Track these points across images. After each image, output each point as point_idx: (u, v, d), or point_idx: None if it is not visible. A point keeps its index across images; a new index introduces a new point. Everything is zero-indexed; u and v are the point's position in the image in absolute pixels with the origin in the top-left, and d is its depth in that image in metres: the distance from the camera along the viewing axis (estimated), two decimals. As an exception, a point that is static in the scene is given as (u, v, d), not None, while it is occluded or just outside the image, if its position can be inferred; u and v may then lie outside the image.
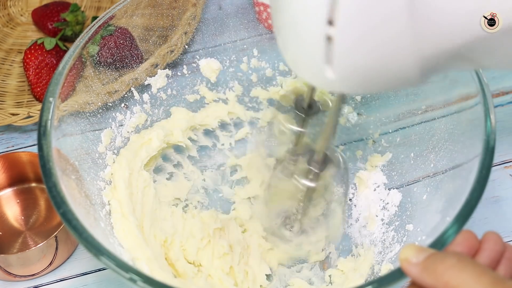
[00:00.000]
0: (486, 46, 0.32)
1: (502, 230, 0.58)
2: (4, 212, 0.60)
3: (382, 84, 0.33)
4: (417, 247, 0.34)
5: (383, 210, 0.55)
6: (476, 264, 0.31)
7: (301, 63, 0.35)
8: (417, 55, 0.31)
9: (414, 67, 0.32)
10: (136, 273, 0.38)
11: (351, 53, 0.31)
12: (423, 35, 0.31)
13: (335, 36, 0.31)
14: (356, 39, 0.31)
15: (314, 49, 0.32)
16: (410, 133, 0.55)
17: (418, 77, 0.33)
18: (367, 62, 0.32)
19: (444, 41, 0.31)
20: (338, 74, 0.32)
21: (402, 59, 0.32)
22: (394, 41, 0.31)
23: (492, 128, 0.43)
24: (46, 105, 0.46)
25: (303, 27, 0.32)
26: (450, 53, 0.32)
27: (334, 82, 0.33)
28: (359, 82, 0.33)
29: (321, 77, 0.33)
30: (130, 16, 0.57)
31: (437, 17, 0.30)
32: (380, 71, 0.32)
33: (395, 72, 0.32)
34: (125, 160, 0.55)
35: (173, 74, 0.61)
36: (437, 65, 0.33)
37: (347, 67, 0.32)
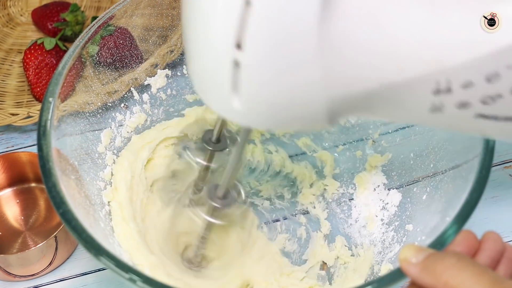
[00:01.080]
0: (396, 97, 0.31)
1: (501, 230, 0.58)
2: (4, 212, 0.60)
3: (290, 121, 0.32)
4: (416, 247, 0.34)
5: (382, 210, 0.55)
6: (475, 264, 0.31)
7: (207, 90, 0.33)
8: (325, 93, 0.30)
9: (322, 106, 0.31)
10: (136, 273, 0.38)
11: (258, 81, 0.30)
12: (333, 73, 0.29)
13: (243, 61, 0.29)
14: (265, 66, 0.29)
15: (221, 75, 0.30)
16: (410, 133, 0.55)
17: (326, 119, 0.32)
18: (274, 93, 0.30)
19: (353, 84, 0.30)
20: (245, 104, 0.31)
21: (310, 96, 0.30)
22: (302, 72, 0.29)
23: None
24: (45, 105, 0.46)
25: (209, 50, 0.30)
26: (358, 98, 0.31)
27: (240, 113, 0.31)
28: (266, 115, 0.32)
29: (227, 107, 0.31)
30: (130, 16, 0.57)
31: (348, 53, 0.29)
32: (287, 105, 0.31)
33: (303, 108, 0.31)
34: (127, 161, 0.55)
35: (173, 74, 0.61)
36: (345, 108, 0.32)
37: (254, 98, 0.31)
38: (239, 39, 0.29)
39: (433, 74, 0.29)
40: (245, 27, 0.28)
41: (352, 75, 0.30)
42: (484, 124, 0.31)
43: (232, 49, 0.29)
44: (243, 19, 0.28)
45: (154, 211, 0.55)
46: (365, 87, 0.30)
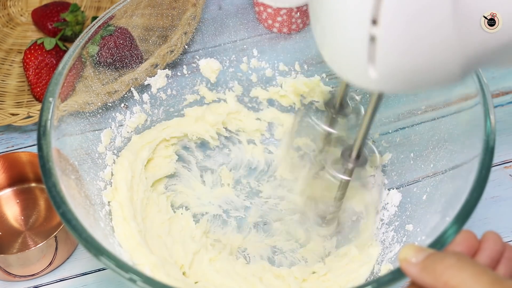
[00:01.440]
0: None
1: (501, 230, 0.58)
2: (4, 212, 0.60)
3: (424, 83, 0.33)
4: (416, 247, 0.34)
5: (383, 210, 0.55)
6: (475, 264, 0.31)
7: (341, 62, 0.34)
8: (460, 53, 0.31)
9: (456, 66, 0.32)
10: (136, 273, 0.38)
11: (394, 52, 0.31)
12: (467, 34, 0.31)
13: (379, 35, 0.30)
14: (400, 38, 0.30)
15: (356, 49, 0.32)
16: (410, 133, 0.55)
17: (459, 75, 0.33)
18: (410, 61, 0.31)
19: (486, 41, 0.31)
20: (381, 73, 0.32)
21: (446, 58, 0.31)
22: (438, 40, 0.30)
23: (491, 128, 0.43)
24: (45, 105, 0.46)
25: (345, 27, 0.32)
26: (492, 53, 0.32)
27: (376, 82, 0.32)
28: (401, 81, 0.33)
29: (363, 77, 0.33)
30: (130, 16, 0.57)
31: (477, 14, 0.30)
32: (423, 70, 0.32)
33: (438, 70, 0.32)
34: (127, 161, 0.55)
35: (173, 74, 0.61)
36: (478, 63, 0.33)
37: (390, 67, 0.32)
38: (375, 15, 0.30)
39: None
40: (380, 4, 0.29)
41: (486, 35, 0.31)
42: None
43: (368, 25, 0.30)
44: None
45: (155, 211, 0.55)
46: (497, 43, 0.31)
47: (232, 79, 0.63)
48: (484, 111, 0.44)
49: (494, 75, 0.69)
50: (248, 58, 0.62)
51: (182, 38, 0.60)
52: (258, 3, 0.63)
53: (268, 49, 0.62)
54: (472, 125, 0.45)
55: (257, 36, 0.62)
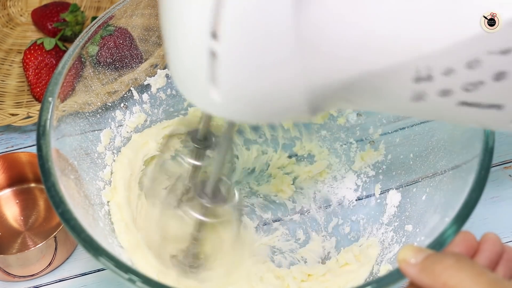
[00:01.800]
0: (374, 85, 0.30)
1: (501, 230, 0.58)
2: (3, 213, 0.60)
3: (272, 113, 0.32)
4: (415, 247, 0.34)
5: (382, 209, 0.55)
6: (474, 265, 0.31)
7: (186, 83, 0.32)
8: (304, 84, 0.30)
9: (302, 98, 0.30)
10: (135, 273, 0.38)
11: (236, 72, 0.29)
12: (311, 66, 0.29)
13: (220, 51, 0.28)
14: (242, 55, 0.29)
15: (198, 66, 0.30)
16: (410, 133, 0.55)
17: (307, 110, 0.31)
18: (254, 85, 0.30)
19: (331, 75, 0.30)
20: (224, 96, 0.30)
21: (290, 86, 0.30)
22: (281, 65, 0.29)
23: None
24: (45, 105, 0.46)
25: (186, 40, 0.30)
26: (338, 89, 0.30)
27: (220, 106, 0.31)
28: (246, 108, 0.31)
29: (206, 100, 0.31)
30: (129, 16, 0.57)
31: (325, 46, 0.29)
32: (268, 97, 0.30)
33: (283, 100, 0.30)
34: (127, 159, 0.55)
35: (172, 74, 0.61)
36: (326, 99, 0.31)
37: (234, 89, 0.30)
38: (214, 27, 0.28)
39: (412, 61, 0.29)
40: (220, 15, 0.28)
41: (331, 67, 0.30)
42: (468, 112, 0.30)
43: (208, 38, 0.28)
44: (217, 7, 0.27)
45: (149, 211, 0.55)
46: (344, 78, 0.30)
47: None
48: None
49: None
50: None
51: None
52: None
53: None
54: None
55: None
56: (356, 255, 0.53)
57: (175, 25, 0.30)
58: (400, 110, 0.34)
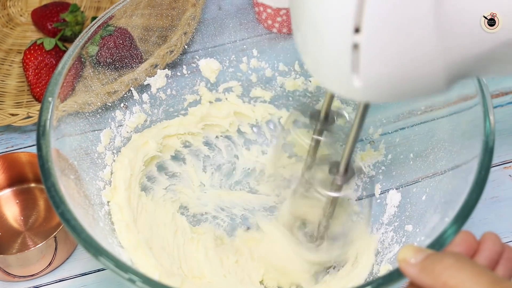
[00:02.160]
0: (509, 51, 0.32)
1: (501, 230, 0.58)
2: (3, 213, 0.60)
3: (409, 92, 0.33)
4: (415, 247, 0.34)
5: (382, 210, 0.55)
6: (474, 265, 0.31)
7: (325, 72, 0.34)
8: (443, 61, 0.31)
9: (440, 74, 0.32)
10: (135, 273, 0.38)
11: (378, 60, 0.31)
12: (450, 41, 0.30)
13: (362, 43, 0.30)
14: (384, 46, 0.30)
15: (340, 58, 0.31)
16: (410, 133, 0.55)
17: (444, 85, 0.33)
18: (394, 70, 0.31)
19: (469, 49, 0.31)
20: (365, 82, 0.32)
21: (429, 66, 0.31)
22: (421, 47, 0.30)
23: (491, 129, 0.43)
24: (45, 105, 0.46)
25: (328, 35, 0.31)
26: (475, 59, 0.32)
27: (361, 91, 0.32)
28: (386, 90, 0.32)
29: (347, 86, 0.32)
30: (129, 16, 0.57)
31: (463, 20, 0.30)
32: (407, 78, 0.32)
33: (422, 79, 0.32)
34: (127, 159, 0.54)
35: (172, 74, 0.61)
36: (462, 71, 0.33)
37: (374, 75, 0.31)
38: (357, 23, 0.30)
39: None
40: (362, 11, 0.29)
41: (469, 44, 0.31)
42: None
43: (351, 33, 0.30)
44: (360, 4, 0.29)
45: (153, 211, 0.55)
46: (482, 52, 0.31)
47: (232, 79, 0.63)
48: (483, 111, 0.44)
49: (493, 76, 0.69)
50: (248, 58, 0.62)
51: (182, 38, 0.60)
52: (258, 3, 0.63)
53: (268, 49, 0.62)
54: (472, 126, 0.45)
55: (257, 36, 0.62)
56: (356, 255, 0.53)
57: (317, 22, 0.32)
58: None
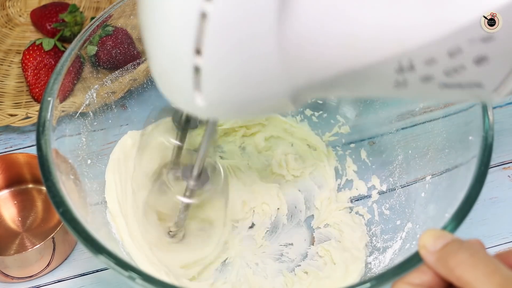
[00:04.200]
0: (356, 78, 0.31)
1: (500, 231, 0.58)
2: (1, 214, 0.59)
3: (254, 111, 0.33)
4: (436, 233, 0.34)
5: (382, 208, 0.55)
6: (488, 262, 0.31)
7: (170, 90, 0.33)
8: (287, 86, 0.31)
9: (284, 97, 0.31)
10: (135, 271, 0.38)
11: (220, 82, 0.30)
12: (293, 68, 0.30)
13: (203, 66, 0.29)
14: (225, 69, 0.30)
15: (182, 77, 0.31)
16: (410, 133, 0.55)
17: (290, 105, 0.32)
18: (237, 91, 0.31)
19: (315, 73, 0.30)
20: (208, 102, 0.31)
21: (273, 90, 0.31)
22: (264, 73, 0.30)
23: (490, 125, 0.43)
24: (44, 104, 0.46)
25: (170, 55, 0.31)
26: (321, 84, 0.31)
27: (205, 109, 0.32)
28: (230, 109, 0.32)
29: (191, 104, 0.32)
30: (128, 16, 0.56)
31: (307, 50, 0.29)
32: (252, 100, 0.31)
33: (266, 101, 0.32)
34: (117, 158, 0.54)
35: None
36: (309, 93, 0.32)
37: (217, 96, 0.31)
38: (198, 45, 0.29)
39: (395, 56, 0.29)
40: (203, 35, 0.28)
41: (314, 69, 0.30)
42: (450, 92, 0.31)
43: (192, 55, 0.29)
44: (200, 28, 0.28)
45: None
46: (327, 75, 0.31)
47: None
48: (482, 108, 0.44)
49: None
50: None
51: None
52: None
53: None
54: (471, 126, 0.45)
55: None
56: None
57: (159, 42, 0.31)
58: (381, 95, 0.35)
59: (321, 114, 0.61)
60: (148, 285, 0.37)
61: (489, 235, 0.57)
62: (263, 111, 0.33)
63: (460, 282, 0.30)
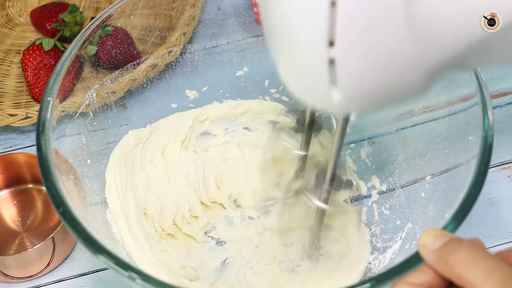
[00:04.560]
0: (488, 46, 0.31)
1: (500, 231, 0.58)
2: (1, 214, 0.59)
3: (390, 99, 0.33)
4: (435, 232, 0.34)
5: (382, 208, 0.55)
6: (488, 259, 0.30)
7: (301, 86, 0.33)
8: (421, 65, 0.31)
9: (419, 78, 0.31)
10: (135, 271, 0.38)
11: (356, 73, 0.30)
12: (426, 44, 0.30)
13: (338, 57, 0.29)
14: (360, 58, 0.30)
15: (316, 72, 0.31)
16: (410, 133, 0.55)
17: (423, 87, 0.32)
18: (373, 80, 0.31)
19: (447, 46, 0.31)
20: (345, 95, 0.31)
21: (408, 72, 0.31)
22: (398, 55, 0.30)
23: (490, 125, 0.43)
24: (44, 104, 0.46)
25: (301, 50, 0.31)
26: (453, 58, 0.31)
27: (341, 104, 0.32)
28: (366, 100, 0.32)
29: (326, 101, 0.32)
30: (128, 16, 0.57)
31: (437, 22, 0.30)
32: (387, 86, 0.31)
33: (402, 85, 0.31)
34: (118, 158, 0.54)
35: (172, 75, 0.61)
36: (441, 71, 0.32)
37: (354, 88, 0.31)
38: (331, 37, 0.29)
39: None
40: (334, 25, 0.29)
41: (445, 44, 0.30)
42: None
43: (325, 48, 0.29)
44: (331, 18, 0.29)
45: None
46: (459, 50, 0.31)
47: (231, 80, 0.63)
48: (482, 107, 0.44)
49: (493, 76, 0.69)
50: (247, 58, 0.62)
51: (181, 38, 0.60)
52: (257, 4, 0.63)
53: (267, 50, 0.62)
54: (471, 125, 0.45)
55: (256, 37, 0.62)
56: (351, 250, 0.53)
57: (291, 41, 0.31)
58: None
59: (321, 114, 0.61)
60: (148, 285, 0.37)
61: (489, 235, 0.57)
62: (399, 97, 0.33)
63: (460, 280, 0.30)
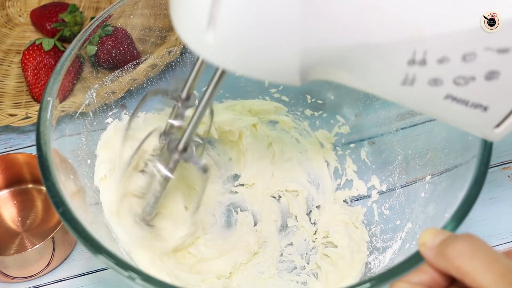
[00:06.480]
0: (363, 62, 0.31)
1: (500, 231, 0.58)
2: (1, 214, 0.60)
3: (261, 66, 0.32)
4: (434, 231, 0.34)
5: (382, 208, 0.55)
6: (487, 251, 0.30)
7: (185, 25, 0.33)
8: (301, 42, 0.30)
9: (295, 58, 0.31)
10: (135, 271, 0.38)
11: (235, 17, 0.30)
12: (312, 26, 0.30)
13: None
14: (243, 4, 0.30)
15: (199, 9, 0.31)
16: (410, 133, 0.55)
17: (297, 73, 0.32)
18: (250, 32, 0.31)
19: (329, 38, 0.30)
20: (219, 39, 0.31)
21: (285, 44, 0.31)
22: (281, 18, 0.30)
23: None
24: (44, 104, 0.46)
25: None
26: (331, 55, 0.31)
27: (214, 50, 0.32)
28: (238, 54, 0.32)
29: (202, 42, 0.32)
30: (128, 16, 0.57)
31: (331, 11, 0.29)
32: (261, 47, 0.31)
33: (275, 56, 0.31)
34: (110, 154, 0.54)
35: (172, 75, 0.61)
36: (318, 64, 0.32)
37: (229, 33, 0.31)
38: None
39: (411, 42, 0.29)
40: None
41: (330, 32, 0.30)
42: (453, 108, 0.31)
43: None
44: None
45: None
46: (341, 45, 0.30)
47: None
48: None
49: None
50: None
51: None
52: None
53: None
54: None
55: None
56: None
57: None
58: (386, 91, 0.34)
59: (321, 114, 0.61)
60: (148, 285, 0.37)
61: (489, 235, 0.57)
62: (270, 72, 0.32)
63: (459, 273, 0.30)
